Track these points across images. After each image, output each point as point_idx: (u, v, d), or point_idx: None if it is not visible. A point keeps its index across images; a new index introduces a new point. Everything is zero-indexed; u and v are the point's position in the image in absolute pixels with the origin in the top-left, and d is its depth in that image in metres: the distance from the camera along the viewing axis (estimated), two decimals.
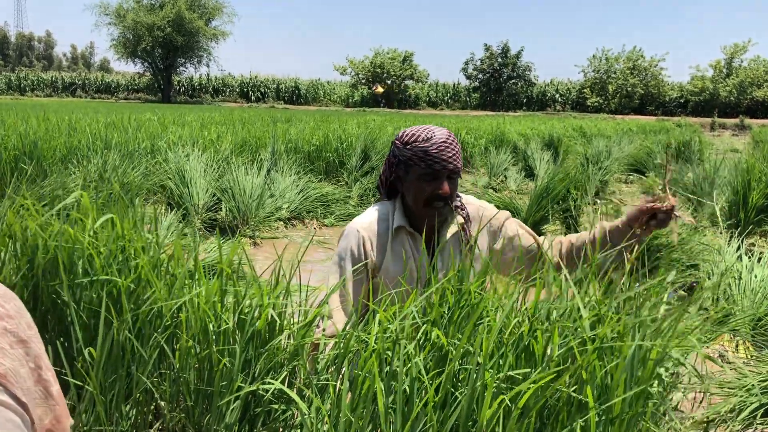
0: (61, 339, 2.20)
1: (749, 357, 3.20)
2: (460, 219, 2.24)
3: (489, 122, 16.79)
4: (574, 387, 1.60)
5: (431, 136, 2.06)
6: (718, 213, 5.37)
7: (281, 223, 6.03)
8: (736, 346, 3.28)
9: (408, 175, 2.10)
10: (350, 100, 48.33)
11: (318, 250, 5.45)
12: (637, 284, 2.08)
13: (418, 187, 2.08)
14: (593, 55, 46.68)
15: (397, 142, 2.15)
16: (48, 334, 2.22)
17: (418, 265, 2.01)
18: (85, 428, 1.95)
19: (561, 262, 2.16)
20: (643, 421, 1.65)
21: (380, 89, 47.78)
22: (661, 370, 1.80)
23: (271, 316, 1.91)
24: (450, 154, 2.07)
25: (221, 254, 1.98)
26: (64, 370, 2.06)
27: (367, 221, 2.13)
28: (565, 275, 1.87)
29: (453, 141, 2.11)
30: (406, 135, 2.11)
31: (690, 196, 6.38)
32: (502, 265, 2.25)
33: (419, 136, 2.07)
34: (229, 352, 1.89)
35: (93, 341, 2.06)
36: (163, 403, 2.03)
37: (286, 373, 1.92)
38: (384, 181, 2.21)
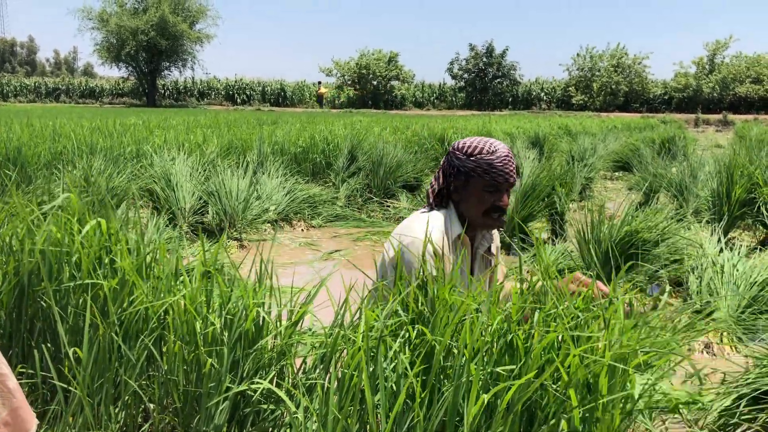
0: (48, 344, 2.20)
1: (733, 349, 3.24)
2: (497, 234, 2.42)
3: (475, 122, 16.85)
4: (557, 384, 1.62)
5: (495, 149, 2.13)
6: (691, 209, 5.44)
7: (268, 225, 6.03)
8: (721, 338, 3.32)
9: (468, 186, 2.16)
10: (336, 102, 48.30)
11: (306, 251, 5.45)
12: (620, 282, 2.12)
13: (479, 197, 2.14)
14: (577, 54, 46.89)
15: (457, 152, 2.19)
16: (35, 338, 2.22)
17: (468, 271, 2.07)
18: (74, 430, 1.96)
19: None
20: (626, 418, 1.67)
21: (323, 90, 48.02)
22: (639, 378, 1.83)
23: (259, 315, 1.92)
24: (511, 168, 2.15)
25: (204, 256, 1.99)
26: (50, 374, 2.06)
27: (434, 231, 2.12)
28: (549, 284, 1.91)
29: (512, 155, 2.18)
30: (468, 147, 2.17)
31: (674, 191, 6.44)
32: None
33: (483, 148, 2.14)
34: (216, 353, 1.90)
35: (80, 345, 2.06)
36: (151, 405, 2.04)
37: (274, 372, 1.93)
38: (439, 190, 2.24)
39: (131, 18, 43.63)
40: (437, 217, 2.19)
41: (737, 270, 3.63)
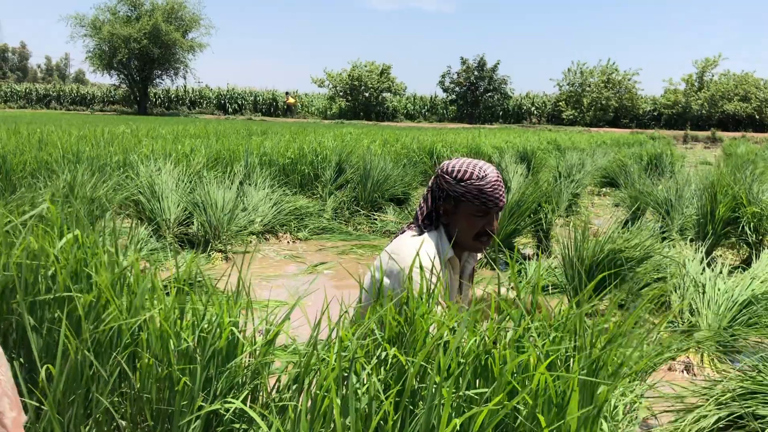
0: (21, 359, 2.17)
1: (713, 369, 3.25)
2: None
3: (465, 135, 16.90)
4: (529, 408, 1.61)
5: (485, 175, 2.11)
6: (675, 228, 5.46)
7: (254, 237, 6.01)
8: (701, 358, 3.33)
9: (458, 210, 2.16)
10: (328, 112, 48.36)
11: (291, 264, 5.43)
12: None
13: (469, 222, 2.14)
14: (568, 69, 47.23)
15: (446, 176, 2.16)
16: (8, 353, 2.19)
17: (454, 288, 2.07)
18: None
19: None
20: None
21: (291, 100, 48.10)
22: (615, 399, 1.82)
23: (233, 334, 1.91)
24: (501, 192, 2.14)
25: (178, 271, 1.97)
26: (23, 391, 2.03)
27: (428, 253, 2.10)
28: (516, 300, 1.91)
29: (501, 179, 2.18)
30: (458, 171, 2.14)
31: (659, 208, 6.47)
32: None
33: (473, 173, 2.11)
34: (190, 371, 1.88)
35: (53, 360, 2.03)
36: (123, 423, 2.01)
37: (247, 391, 1.91)
38: (427, 213, 2.22)
39: (124, 26, 43.59)
40: (428, 241, 2.17)
41: (719, 289, 3.64)
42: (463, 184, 2.12)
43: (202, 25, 47.37)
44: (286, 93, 49.99)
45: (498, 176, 2.17)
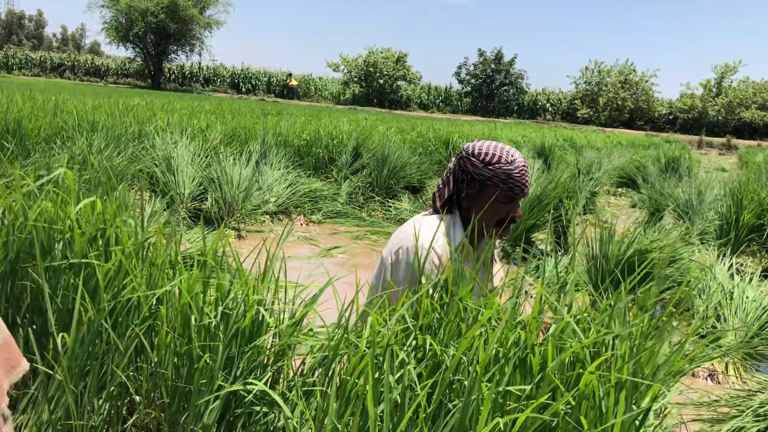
0: (35, 325, 2.09)
1: (739, 378, 3.15)
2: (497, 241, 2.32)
3: (480, 128, 16.75)
4: (572, 410, 1.52)
5: (514, 159, 2.02)
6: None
7: (268, 216, 5.93)
8: (726, 366, 3.23)
9: (482, 195, 2.05)
10: (342, 98, 48.13)
11: (303, 246, 5.35)
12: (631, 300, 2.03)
13: (493, 207, 2.04)
14: (586, 67, 46.85)
15: (473, 159, 2.05)
16: (20, 317, 2.12)
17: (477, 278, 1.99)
18: (52, 417, 1.85)
19: None
20: None
21: (294, 82, 47.50)
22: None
23: (258, 313, 1.82)
24: (528, 179, 2.05)
25: (205, 244, 1.89)
26: (34, 356, 1.96)
27: (438, 237, 2.02)
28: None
29: (527, 165, 2.11)
30: (486, 154, 2.04)
31: (679, 211, 6.36)
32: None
33: (501, 156, 2.02)
34: (210, 348, 1.80)
35: (67, 328, 1.95)
36: (138, 398, 1.93)
37: (270, 373, 1.83)
38: (449, 196, 2.12)
39: None
40: (440, 223, 2.08)
41: (747, 297, 3.54)
42: (491, 167, 2.02)
43: (220, 2, 47.12)
44: (289, 74, 49.67)
45: (525, 162, 2.07)
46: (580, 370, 1.51)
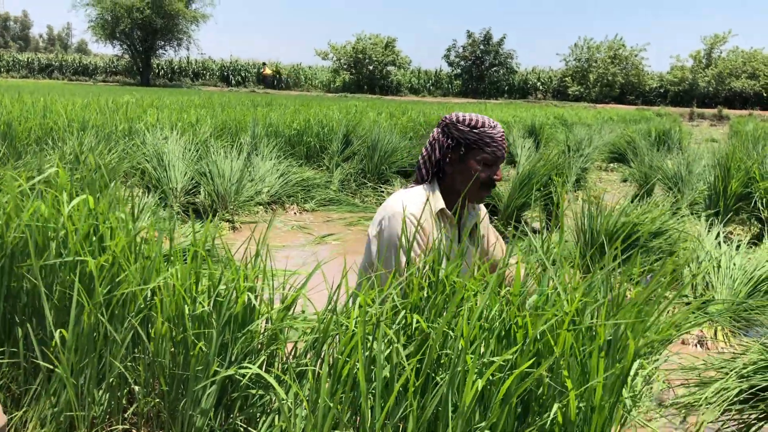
0: (32, 323, 2.14)
1: (728, 343, 3.22)
2: (484, 209, 2.44)
3: (472, 109, 16.75)
4: (555, 374, 1.58)
5: (495, 125, 2.18)
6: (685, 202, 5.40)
7: (261, 207, 5.97)
8: (715, 332, 3.30)
9: (466, 158, 2.17)
10: (332, 86, 47.99)
11: (298, 235, 5.39)
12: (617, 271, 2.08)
13: (476, 170, 2.16)
14: (575, 44, 46.74)
15: (458, 124, 2.19)
16: (19, 316, 2.16)
17: (459, 245, 2.06)
18: (55, 410, 1.90)
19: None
20: (621, 408, 1.63)
21: (268, 71, 47.04)
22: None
23: (249, 299, 1.87)
24: (506, 144, 2.21)
25: (194, 236, 1.93)
26: (34, 354, 2.01)
27: (417, 206, 2.12)
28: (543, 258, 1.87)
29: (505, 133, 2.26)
30: (470, 120, 2.18)
31: (669, 183, 6.41)
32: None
33: (485, 122, 2.17)
34: (205, 336, 1.85)
35: (65, 324, 2.00)
36: (137, 388, 1.98)
37: (264, 357, 1.88)
38: (433, 163, 2.23)
39: None
40: (420, 192, 2.19)
41: (734, 264, 3.60)
42: (476, 131, 2.16)
43: None
44: (263, 64, 49.29)
45: (503, 130, 2.24)
46: (558, 330, 1.56)
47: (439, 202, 2.18)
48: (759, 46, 64.46)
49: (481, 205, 2.44)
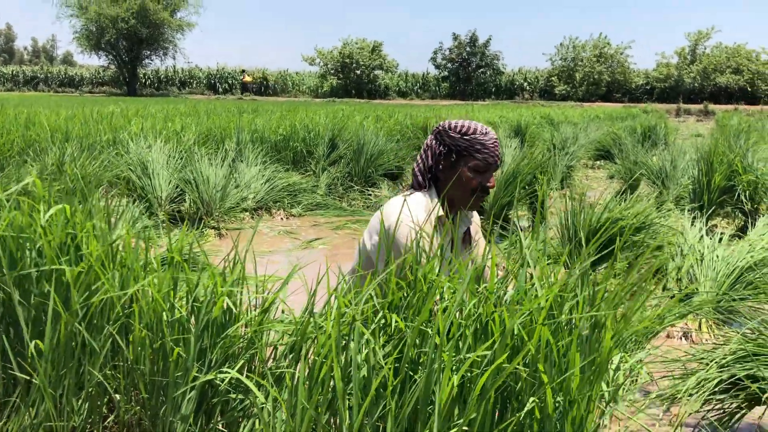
0: (10, 333, 2.12)
1: (712, 335, 3.23)
2: (476, 215, 2.44)
3: (458, 111, 16.80)
4: (532, 368, 1.58)
5: (487, 131, 2.18)
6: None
7: (247, 213, 5.95)
8: (699, 325, 3.31)
9: (458, 165, 2.17)
10: (320, 91, 48.03)
11: (284, 240, 5.39)
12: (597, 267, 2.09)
13: (468, 177, 2.16)
14: (560, 44, 47.03)
15: (450, 131, 2.19)
16: None
17: (455, 251, 2.07)
18: (34, 422, 1.89)
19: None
20: (597, 403, 1.64)
21: (248, 78, 47.05)
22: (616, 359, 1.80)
23: (227, 304, 1.86)
24: (499, 151, 2.19)
25: (170, 243, 1.93)
26: (10, 365, 1.99)
27: (420, 213, 2.12)
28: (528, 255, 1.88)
29: (499, 139, 2.24)
30: (461, 126, 2.19)
31: (654, 179, 6.44)
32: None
33: (476, 129, 2.17)
34: (184, 341, 1.84)
35: (43, 334, 1.99)
36: (117, 396, 1.97)
37: (243, 361, 1.87)
38: (427, 169, 2.24)
39: (111, 5, 43.01)
40: (421, 199, 2.19)
41: (717, 256, 3.62)
42: (467, 137, 2.15)
43: (190, 4, 46.83)
44: (243, 71, 49.27)
45: (496, 136, 2.22)
46: (534, 325, 1.56)
47: (438, 208, 2.18)
48: (742, 41, 65.02)
49: (475, 212, 2.44)
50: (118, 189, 5.69)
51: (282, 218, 6.14)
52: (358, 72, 46.54)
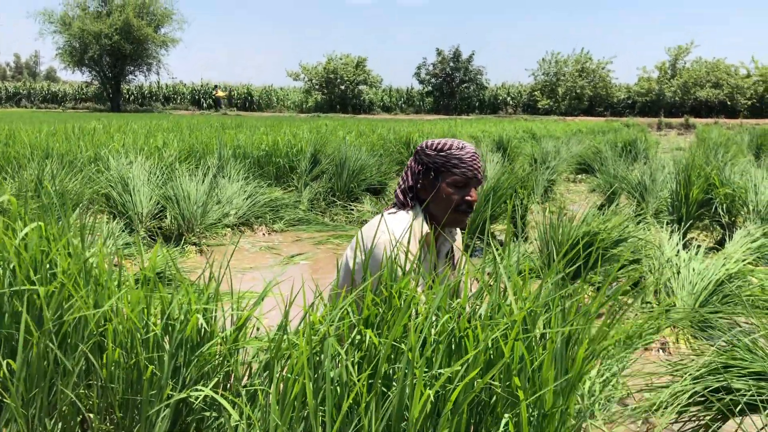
0: None
1: (688, 347, 3.26)
2: (459, 233, 2.44)
3: (441, 125, 16.89)
4: (505, 383, 1.59)
5: (464, 146, 2.18)
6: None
7: (229, 229, 5.93)
8: (676, 338, 3.34)
9: (437, 181, 2.18)
10: (304, 106, 48.10)
11: (266, 255, 5.37)
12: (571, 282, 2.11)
13: (448, 193, 2.16)
14: (543, 59, 47.50)
15: (426, 150, 2.21)
16: None
17: (431, 266, 2.07)
18: None
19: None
20: (569, 416, 1.64)
21: (221, 93, 47.06)
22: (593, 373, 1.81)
23: (200, 321, 1.86)
24: (479, 165, 2.19)
25: (142, 261, 1.92)
26: None
27: (398, 231, 2.11)
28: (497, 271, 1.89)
29: (479, 155, 2.23)
30: (437, 144, 2.20)
31: (633, 192, 6.50)
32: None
33: (452, 144, 2.18)
34: (158, 359, 1.83)
35: (15, 353, 1.97)
36: (90, 416, 1.95)
37: (217, 379, 1.86)
38: (408, 189, 2.24)
39: (94, 22, 42.93)
40: (404, 217, 2.19)
41: (693, 269, 3.66)
42: (443, 153, 2.16)
43: (174, 20, 46.92)
44: (215, 87, 49.27)
45: (476, 150, 2.24)
46: (506, 341, 1.57)
47: (424, 226, 2.19)
48: (721, 55, 66.10)
49: (458, 230, 2.44)
50: (98, 206, 5.66)
51: (264, 234, 6.13)
52: (343, 87, 46.69)
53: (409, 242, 1.98)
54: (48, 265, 2.17)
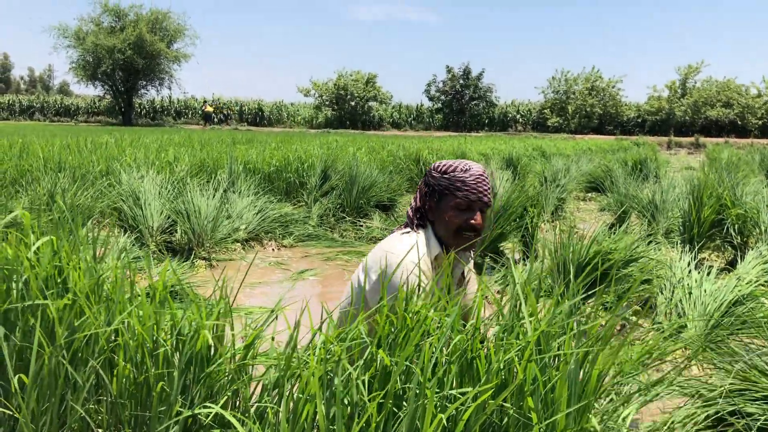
0: None
1: (701, 369, 3.23)
2: (471, 257, 2.43)
3: (451, 142, 16.93)
4: (518, 405, 1.57)
5: (469, 168, 2.15)
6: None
7: (238, 244, 5.95)
8: (688, 359, 3.30)
9: (441, 204, 2.16)
10: (314, 122, 48.35)
11: (276, 271, 5.37)
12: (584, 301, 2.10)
13: (451, 216, 2.14)
14: (553, 77, 47.62)
15: (432, 171, 2.21)
16: None
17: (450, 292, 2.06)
18: None
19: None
20: None
21: (209, 108, 46.99)
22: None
23: (209, 338, 1.85)
24: (485, 188, 2.15)
25: (151, 277, 1.93)
26: None
27: (416, 253, 2.09)
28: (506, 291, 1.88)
29: (487, 176, 2.20)
30: (443, 165, 2.19)
31: (644, 212, 6.48)
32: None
33: (457, 167, 2.16)
34: (168, 375, 1.83)
35: (27, 368, 1.97)
36: (100, 431, 1.95)
37: (226, 396, 1.86)
38: (416, 210, 2.24)
39: (108, 36, 43.41)
40: (416, 238, 2.17)
41: (705, 291, 3.63)
42: (447, 176, 2.15)
43: (187, 36, 47.33)
44: (204, 101, 49.41)
45: (483, 172, 2.19)
46: (520, 362, 1.56)
47: (435, 248, 2.18)
48: (732, 75, 66.05)
49: (471, 253, 2.42)
50: (109, 219, 5.69)
51: (273, 249, 6.14)
52: (353, 103, 46.94)
53: (419, 263, 1.97)
54: (58, 279, 2.18)
